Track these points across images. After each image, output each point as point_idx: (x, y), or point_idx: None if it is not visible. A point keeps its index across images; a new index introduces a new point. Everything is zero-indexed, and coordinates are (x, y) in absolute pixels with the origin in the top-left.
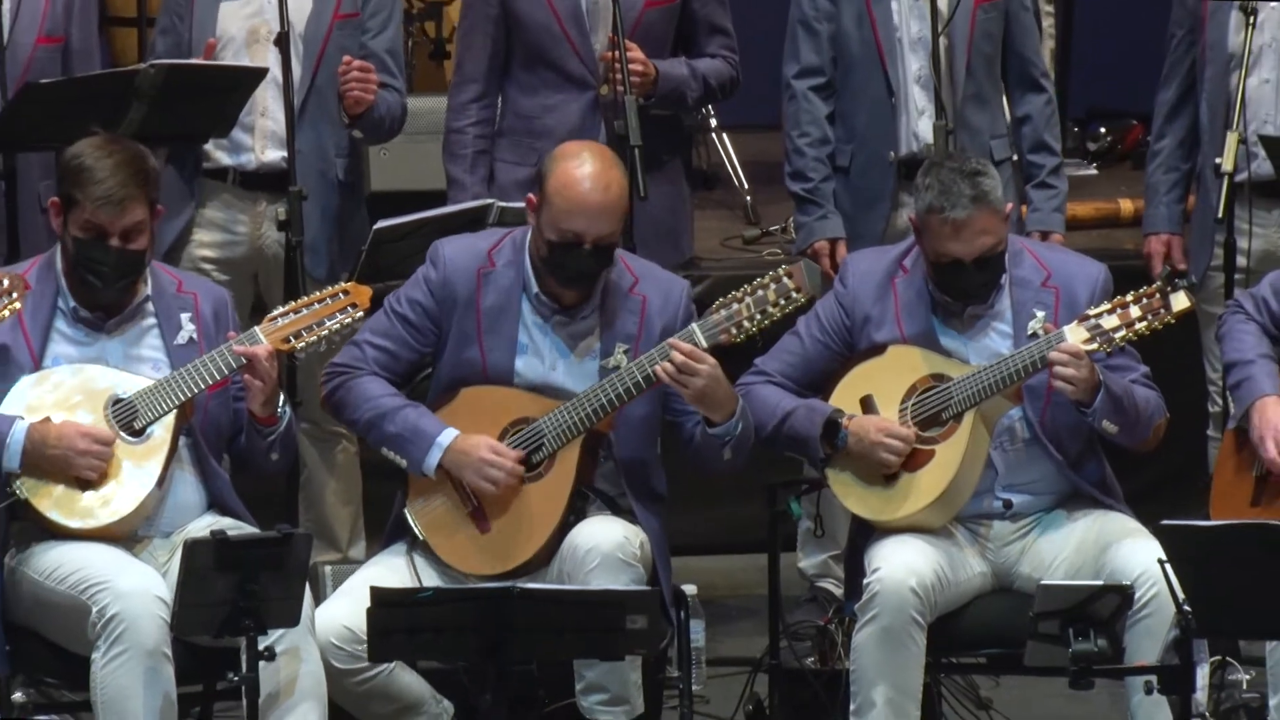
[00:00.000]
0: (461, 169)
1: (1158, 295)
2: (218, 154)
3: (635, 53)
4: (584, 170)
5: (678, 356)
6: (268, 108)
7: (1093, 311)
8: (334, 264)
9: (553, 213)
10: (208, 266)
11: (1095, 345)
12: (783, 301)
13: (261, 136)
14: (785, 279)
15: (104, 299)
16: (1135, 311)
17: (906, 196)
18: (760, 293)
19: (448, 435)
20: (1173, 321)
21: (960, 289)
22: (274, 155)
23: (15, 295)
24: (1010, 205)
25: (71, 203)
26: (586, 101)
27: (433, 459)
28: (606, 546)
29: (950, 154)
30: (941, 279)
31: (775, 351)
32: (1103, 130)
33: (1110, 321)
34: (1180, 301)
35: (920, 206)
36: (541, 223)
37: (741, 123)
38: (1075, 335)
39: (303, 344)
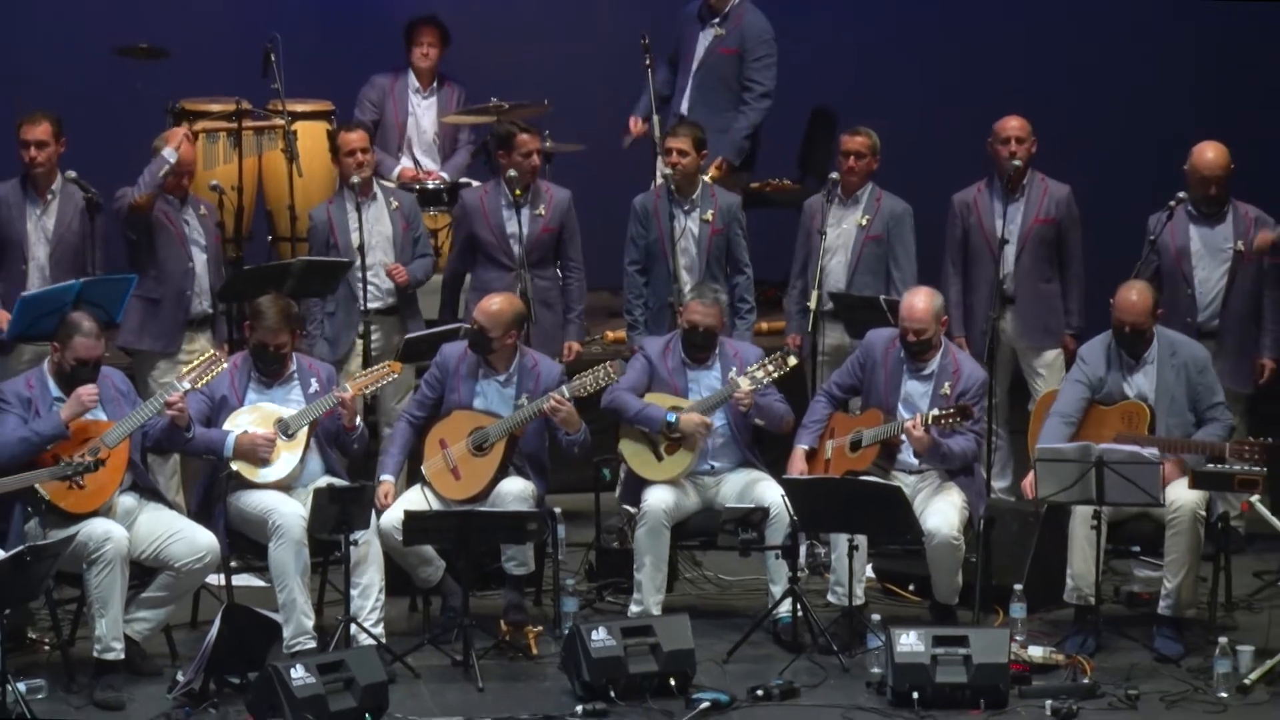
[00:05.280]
0: (449, 311)
1: (780, 358)
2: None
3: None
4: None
5: (552, 402)
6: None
7: (751, 369)
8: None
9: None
10: (361, 352)
11: (753, 386)
12: (605, 381)
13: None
14: (609, 368)
15: (267, 371)
16: (771, 368)
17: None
18: (596, 374)
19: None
20: (788, 372)
21: (689, 343)
22: (373, 303)
23: (224, 362)
24: (724, 323)
25: (254, 327)
26: (511, 278)
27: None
28: (515, 491)
29: (717, 288)
30: (684, 335)
31: (623, 379)
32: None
33: (760, 374)
34: (791, 361)
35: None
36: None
37: (597, 285)
38: (745, 382)
39: (367, 390)
